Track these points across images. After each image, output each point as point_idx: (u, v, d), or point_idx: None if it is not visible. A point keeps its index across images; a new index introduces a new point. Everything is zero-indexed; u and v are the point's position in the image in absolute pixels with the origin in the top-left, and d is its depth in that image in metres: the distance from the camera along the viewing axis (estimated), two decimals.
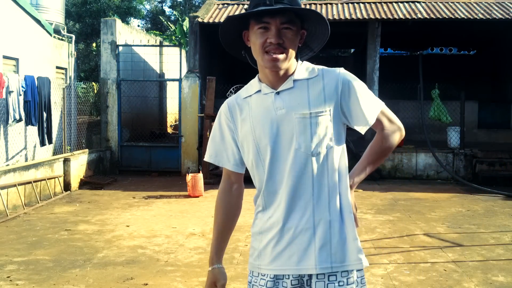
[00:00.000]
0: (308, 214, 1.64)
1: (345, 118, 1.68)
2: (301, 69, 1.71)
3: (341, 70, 1.70)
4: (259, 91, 1.71)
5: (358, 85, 1.68)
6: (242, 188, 1.85)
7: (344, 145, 1.71)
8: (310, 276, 1.64)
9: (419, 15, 10.68)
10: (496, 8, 11.11)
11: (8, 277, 4.33)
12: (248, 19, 1.67)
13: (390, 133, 1.73)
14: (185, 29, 18.55)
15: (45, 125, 9.13)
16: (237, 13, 11.45)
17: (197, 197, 8.16)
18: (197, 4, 28.16)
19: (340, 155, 1.68)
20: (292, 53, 1.65)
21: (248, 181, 1.80)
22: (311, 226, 1.63)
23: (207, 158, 1.84)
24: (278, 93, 1.67)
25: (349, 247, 1.65)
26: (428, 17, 10.60)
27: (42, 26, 10.41)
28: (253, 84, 1.76)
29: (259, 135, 1.68)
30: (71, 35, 12.52)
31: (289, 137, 1.64)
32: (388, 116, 1.73)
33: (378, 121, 1.71)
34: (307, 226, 1.64)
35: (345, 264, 1.64)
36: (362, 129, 1.70)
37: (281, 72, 1.66)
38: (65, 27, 13.22)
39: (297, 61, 1.72)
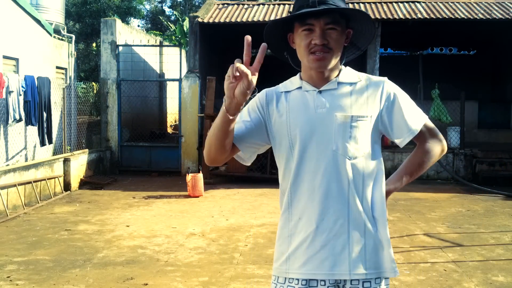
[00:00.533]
0: (342, 218, 1.61)
1: (384, 129, 1.68)
2: (345, 72, 1.71)
3: (386, 80, 1.70)
4: (300, 87, 1.70)
5: (402, 96, 1.68)
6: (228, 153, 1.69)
7: (380, 153, 1.70)
8: (345, 281, 1.61)
9: (419, 15, 10.68)
10: (496, 8, 11.11)
11: (8, 277, 4.33)
12: (292, 21, 1.66)
13: (432, 146, 1.71)
14: (185, 29, 18.55)
15: (45, 125, 9.13)
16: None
17: (197, 197, 8.16)
18: (197, 4, 28.18)
19: (376, 161, 1.66)
20: (337, 53, 1.64)
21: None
22: (345, 230, 1.61)
23: None
24: (320, 92, 1.66)
25: (384, 254, 1.63)
26: (428, 17, 10.60)
27: (42, 26, 10.41)
28: (294, 81, 1.74)
29: (294, 130, 1.65)
30: (71, 35, 12.53)
31: (326, 137, 1.62)
32: (430, 129, 1.71)
33: (420, 134, 1.69)
34: (341, 230, 1.61)
35: (380, 271, 1.62)
36: (401, 142, 1.69)
37: (326, 73, 1.66)
38: (65, 27, 13.23)
39: (342, 61, 1.72)
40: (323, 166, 1.61)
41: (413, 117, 1.67)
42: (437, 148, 1.71)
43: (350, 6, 12.29)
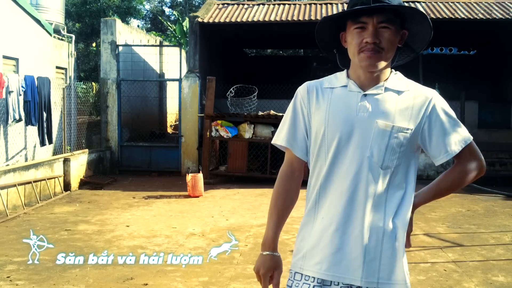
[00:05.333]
0: (363, 224, 1.59)
1: (422, 144, 1.64)
2: (394, 78, 1.66)
3: (434, 94, 1.65)
4: (345, 86, 1.66)
5: (447, 114, 1.63)
6: (302, 176, 1.78)
7: (415, 166, 1.67)
8: (358, 287, 1.60)
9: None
10: (496, 8, 11.11)
11: (8, 277, 4.33)
12: (345, 19, 1.62)
13: (469, 168, 1.66)
14: (185, 29, 18.54)
15: (45, 125, 9.13)
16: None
17: (197, 197, 8.16)
18: (197, 4, 28.17)
19: (408, 174, 1.64)
20: (389, 53, 1.59)
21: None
22: (364, 237, 1.59)
23: (275, 140, 1.77)
24: (365, 95, 1.62)
25: (398, 265, 1.60)
26: (428, 17, 10.59)
27: (42, 26, 10.41)
28: (339, 78, 1.70)
29: (332, 130, 1.62)
30: (71, 35, 12.53)
31: (362, 142, 1.59)
32: (471, 151, 1.65)
33: (459, 154, 1.63)
34: (361, 236, 1.59)
35: (391, 282, 1.58)
36: (437, 161, 1.64)
37: (375, 75, 1.61)
38: (65, 27, 13.22)
39: (392, 63, 1.67)
40: (355, 170, 1.59)
41: (454, 138, 1.61)
42: (474, 171, 1.66)
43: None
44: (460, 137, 1.62)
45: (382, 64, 1.59)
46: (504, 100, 13.49)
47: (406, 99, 1.61)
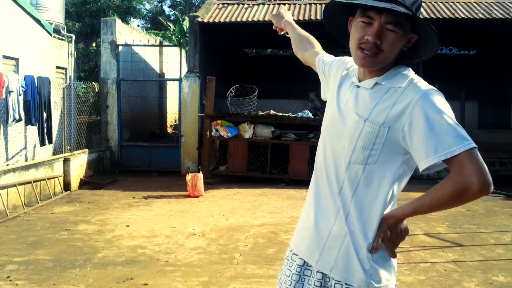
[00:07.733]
0: (332, 215, 1.62)
1: (406, 147, 1.49)
2: (391, 73, 1.56)
3: (424, 93, 1.47)
4: (354, 75, 1.69)
5: (435, 116, 1.41)
6: (309, 53, 2.05)
7: (397, 170, 1.54)
8: (329, 278, 1.62)
9: (419, 15, 10.67)
10: (496, 8, 11.11)
11: (8, 277, 4.33)
12: (356, 7, 1.55)
13: (454, 185, 1.38)
14: (185, 29, 18.54)
15: (45, 125, 9.13)
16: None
17: (197, 197, 8.16)
18: (197, 4, 28.17)
19: (385, 176, 1.53)
20: (388, 56, 1.52)
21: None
22: (331, 224, 1.62)
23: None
24: (358, 86, 1.61)
25: (356, 264, 1.56)
26: (428, 17, 10.60)
27: (42, 26, 10.41)
28: (355, 69, 1.70)
29: (326, 117, 1.70)
30: (71, 35, 12.52)
31: (342, 133, 1.59)
32: (464, 161, 1.36)
33: (450, 164, 1.39)
34: (328, 222, 1.63)
35: (345, 276, 1.58)
36: (419, 167, 1.46)
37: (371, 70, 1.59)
38: (65, 27, 13.21)
39: (396, 64, 1.59)
40: (332, 159, 1.63)
41: (439, 142, 1.38)
42: (461, 190, 1.37)
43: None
44: (446, 144, 1.38)
45: (377, 65, 1.54)
46: (504, 100, 13.49)
47: (392, 96, 1.51)
